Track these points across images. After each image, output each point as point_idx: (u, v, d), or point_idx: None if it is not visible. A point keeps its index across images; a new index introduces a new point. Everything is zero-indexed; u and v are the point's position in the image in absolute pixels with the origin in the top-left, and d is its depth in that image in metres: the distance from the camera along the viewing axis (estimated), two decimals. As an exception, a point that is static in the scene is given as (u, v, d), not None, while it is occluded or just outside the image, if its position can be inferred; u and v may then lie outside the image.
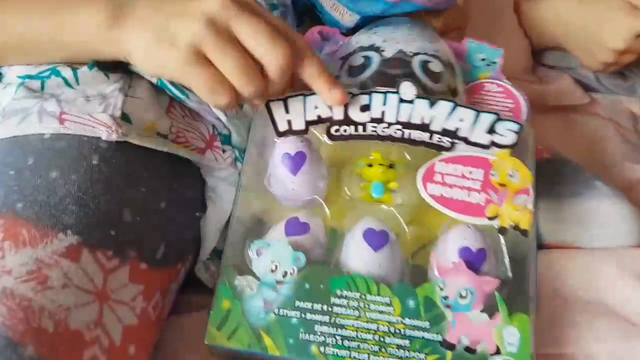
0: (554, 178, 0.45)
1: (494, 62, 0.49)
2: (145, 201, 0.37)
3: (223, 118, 0.43)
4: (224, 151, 0.44)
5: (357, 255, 0.36)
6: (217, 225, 0.41)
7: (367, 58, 0.45)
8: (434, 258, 0.36)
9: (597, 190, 0.43)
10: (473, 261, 0.35)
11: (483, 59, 0.49)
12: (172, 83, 0.41)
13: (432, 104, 0.40)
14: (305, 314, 0.34)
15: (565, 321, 0.38)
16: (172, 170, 0.40)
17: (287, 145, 0.40)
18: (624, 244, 0.42)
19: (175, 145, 0.40)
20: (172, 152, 0.39)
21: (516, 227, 0.36)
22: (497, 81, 0.48)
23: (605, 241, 0.42)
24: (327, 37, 0.51)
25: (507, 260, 0.36)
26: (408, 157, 0.41)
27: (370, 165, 0.40)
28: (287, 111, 0.41)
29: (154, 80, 0.41)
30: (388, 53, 0.45)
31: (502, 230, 0.36)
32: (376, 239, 0.36)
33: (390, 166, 0.40)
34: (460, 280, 0.34)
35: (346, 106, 0.40)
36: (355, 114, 0.40)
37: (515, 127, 0.39)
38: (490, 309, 0.33)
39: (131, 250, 0.34)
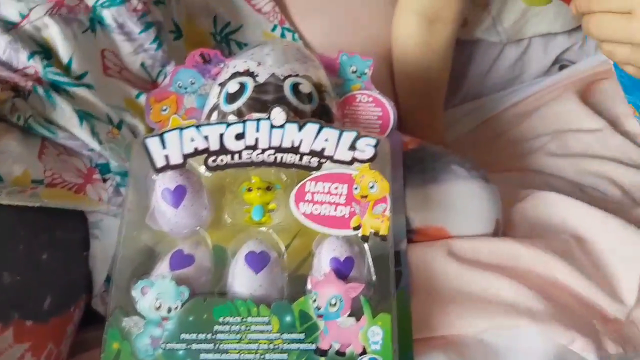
0: (416, 167, 0.50)
1: (364, 73, 0.53)
2: (25, 258, 0.38)
3: (97, 147, 0.44)
4: (104, 181, 0.45)
5: (241, 280, 0.40)
6: (105, 260, 0.43)
7: (242, 84, 0.47)
8: (310, 272, 0.40)
9: (453, 174, 0.49)
10: (342, 269, 0.39)
11: (354, 71, 0.53)
12: (39, 122, 0.42)
13: (300, 127, 0.43)
14: (190, 345, 0.37)
15: (437, 309, 0.44)
16: (52, 219, 0.41)
17: (167, 181, 0.42)
18: (479, 221, 0.48)
19: (50, 192, 0.41)
20: (46, 206, 0.40)
21: (376, 234, 0.41)
22: (366, 92, 0.52)
23: (464, 221, 0.48)
24: (209, 59, 0.53)
25: (371, 264, 0.40)
26: (284, 177, 0.44)
27: (249, 190, 0.43)
28: (164, 147, 0.43)
29: (21, 123, 0.42)
30: (261, 78, 0.47)
31: (364, 238, 0.41)
32: (256, 261, 0.40)
33: (268, 188, 0.43)
34: (330, 289, 0.38)
35: (222, 136, 0.43)
36: (231, 143, 0.43)
37: (372, 142, 0.43)
38: (357, 313, 0.38)
39: (13, 311, 0.35)
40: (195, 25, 0.61)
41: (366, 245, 0.41)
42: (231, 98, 0.47)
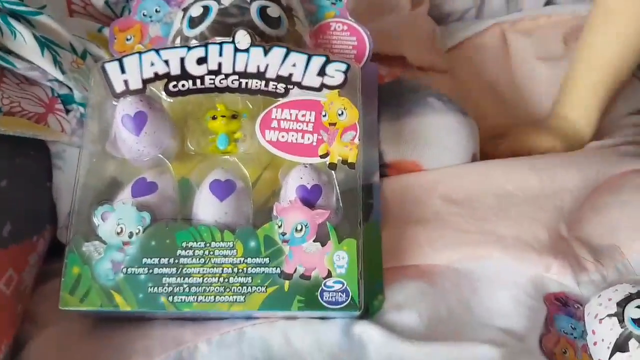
0: (392, 100, 0.48)
1: (339, 0, 0.51)
2: None
3: (60, 77, 0.43)
4: (68, 111, 0.43)
5: (205, 207, 0.39)
6: (69, 191, 0.41)
7: (205, 8, 0.45)
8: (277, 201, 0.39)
9: (429, 107, 0.47)
10: (309, 198, 0.38)
11: (328, -3, 0.51)
12: None
13: (266, 51, 0.41)
14: (152, 270, 0.36)
15: (409, 240, 0.43)
16: (12, 147, 0.40)
17: (126, 106, 0.40)
18: (455, 155, 0.47)
19: (8, 120, 0.39)
20: (3, 133, 0.38)
21: (344, 162, 0.40)
22: (341, 19, 0.50)
23: (440, 155, 0.47)
24: (174, -14, 0.50)
25: (337, 192, 0.39)
26: (250, 106, 0.43)
27: (214, 118, 0.42)
28: (122, 71, 0.41)
29: None
30: (226, 1, 0.45)
31: (332, 166, 0.40)
32: (221, 190, 0.39)
33: (234, 116, 0.42)
34: (296, 215, 0.37)
35: (183, 60, 0.41)
36: (193, 68, 0.41)
37: (342, 67, 0.41)
38: (322, 239, 0.37)
39: None
40: None
41: (334, 174, 0.40)
42: (194, 22, 0.44)
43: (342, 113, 0.40)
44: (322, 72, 0.41)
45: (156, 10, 0.49)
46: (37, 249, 0.40)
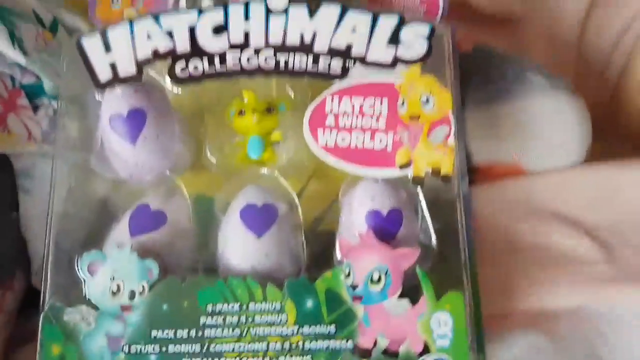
0: (477, 77, 0.35)
1: None
2: None
3: (21, 59, 0.30)
4: (36, 109, 0.31)
5: (236, 246, 0.27)
6: (43, 221, 0.30)
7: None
8: (337, 231, 0.27)
9: (529, 85, 0.34)
10: (386, 228, 0.26)
11: None
12: None
13: (312, 11, 0.28)
14: (166, 347, 0.25)
15: (515, 277, 0.31)
16: None
17: (116, 103, 0.28)
18: (567, 151, 0.34)
19: None
20: None
21: (435, 172, 0.27)
22: (404, -38, 0.36)
23: (546, 152, 0.34)
24: None
25: (428, 219, 0.27)
26: (291, 93, 0.30)
27: (241, 113, 0.29)
28: (107, 49, 0.28)
29: None
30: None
31: (417, 180, 0.27)
32: (258, 219, 0.27)
33: (269, 110, 0.29)
34: (370, 258, 0.26)
35: (193, 30, 0.28)
36: (208, 40, 0.28)
37: (424, 29, 0.28)
38: (412, 292, 0.25)
39: None
40: None
41: (420, 191, 0.28)
42: (206, -27, 0.31)
43: (428, 100, 0.28)
44: (395, 39, 0.28)
45: (151, -41, 0.35)
46: (2, 305, 0.29)
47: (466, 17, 0.48)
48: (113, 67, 0.28)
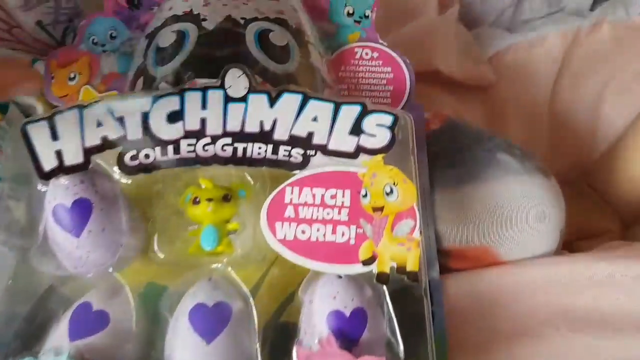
0: (446, 157, 0.34)
1: (365, 17, 0.37)
2: None
3: None
4: None
5: (184, 352, 0.24)
6: None
7: (180, 34, 0.31)
8: (297, 335, 0.25)
9: (502, 168, 0.33)
10: (348, 331, 0.25)
11: (350, 13, 0.37)
12: None
13: (272, 99, 0.28)
14: None
15: None
16: None
17: (60, 193, 0.26)
18: (540, 237, 0.33)
19: None
20: None
21: (401, 270, 0.26)
22: (370, 44, 0.36)
23: (521, 238, 0.33)
24: (139, 3, 0.36)
25: (394, 320, 0.25)
26: (251, 180, 0.29)
27: (196, 201, 0.27)
28: (54, 137, 0.27)
29: None
30: (210, 23, 0.31)
31: (382, 277, 0.26)
32: (208, 322, 0.25)
33: (226, 198, 0.28)
34: (331, 369, 0.23)
35: (146, 117, 0.27)
36: (161, 128, 0.27)
37: (387, 119, 0.28)
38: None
39: None
40: None
41: (385, 290, 0.26)
42: (163, 56, 0.30)
43: (392, 191, 0.27)
44: (357, 129, 0.27)
45: (111, 36, 0.35)
46: None
47: (438, 85, 0.48)
48: (59, 154, 0.26)
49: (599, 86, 0.47)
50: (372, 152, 0.27)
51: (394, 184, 0.27)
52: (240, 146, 0.27)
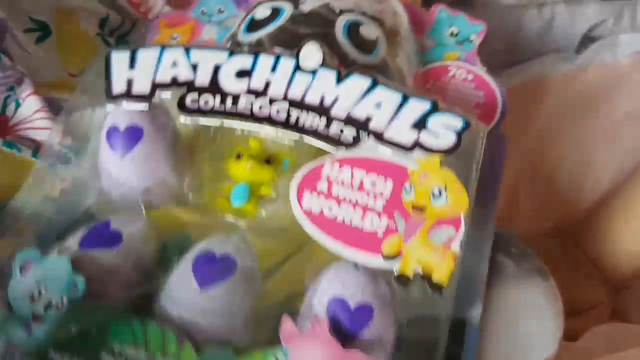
0: None
1: (470, 41, 0.36)
2: None
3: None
4: None
5: (177, 293, 0.23)
6: None
7: (275, 10, 0.32)
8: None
9: (500, 272, 0.29)
10: (348, 323, 0.22)
11: (454, 34, 0.36)
12: None
13: (340, 77, 0.27)
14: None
15: None
16: None
17: (118, 115, 0.27)
18: (536, 349, 0.27)
19: None
20: None
21: (426, 277, 0.22)
22: (466, 65, 0.35)
23: (514, 345, 0.28)
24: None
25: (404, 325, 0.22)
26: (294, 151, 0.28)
27: (238, 157, 0.27)
28: (132, 65, 0.28)
29: None
30: (307, 6, 0.32)
31: (402, 279, 0.23)
32: (209, 270, 0.23)
33: (268, 161, 0.27)
34: (312, 352, 0.21)
35: (217, 69, 0.28)
36: (227, 80, 0.27)
37: (457, 122, 0.25)
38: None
39: None
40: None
41: (403, 292, 0.23)
42: (254, 26, 0.31)
43: (440, 194, 0.24)
44: (421, 124, 0.25)
45: (219, 10, 0.37)
46: None
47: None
48: (129, 82, 0.28)
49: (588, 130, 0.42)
50: (431, 150, 0.25)
51: (445, 187, 0.24)
52: (294, 113, 0.27)
